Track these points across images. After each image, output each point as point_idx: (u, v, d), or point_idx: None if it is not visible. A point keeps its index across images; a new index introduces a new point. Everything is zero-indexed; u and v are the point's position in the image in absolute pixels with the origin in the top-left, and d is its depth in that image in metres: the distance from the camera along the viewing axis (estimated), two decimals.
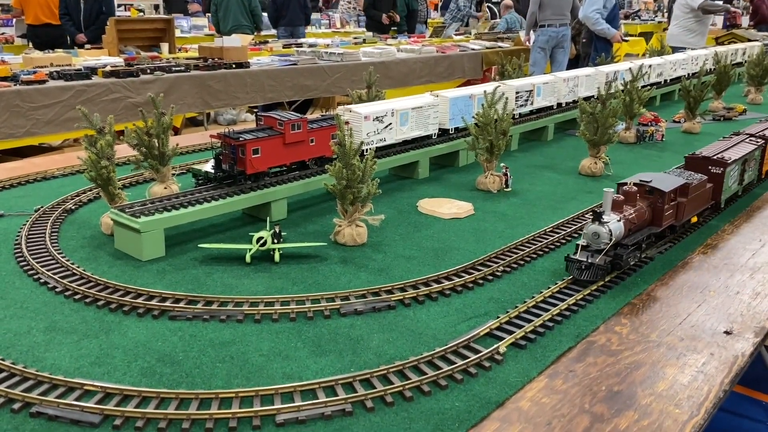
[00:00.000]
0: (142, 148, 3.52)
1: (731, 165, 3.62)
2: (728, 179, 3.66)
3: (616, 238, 2.81)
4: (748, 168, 3.95)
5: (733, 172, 3.70)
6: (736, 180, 3.81)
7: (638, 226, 3.00)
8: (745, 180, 3.99)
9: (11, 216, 3.52)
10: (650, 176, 3.16)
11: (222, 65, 8.33)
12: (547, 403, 2.11)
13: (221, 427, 1.92)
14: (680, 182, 3.22)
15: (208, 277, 2.90)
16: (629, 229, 2.91)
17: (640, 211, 3.01)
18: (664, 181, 3.16)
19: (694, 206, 3.38)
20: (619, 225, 2.83)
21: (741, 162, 3.79)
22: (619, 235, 2.83)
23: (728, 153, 3.73)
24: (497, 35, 12.90)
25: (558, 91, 5.70)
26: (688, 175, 3.39)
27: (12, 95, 6.55)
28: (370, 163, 3.19)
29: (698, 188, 3.37)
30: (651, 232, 3.08)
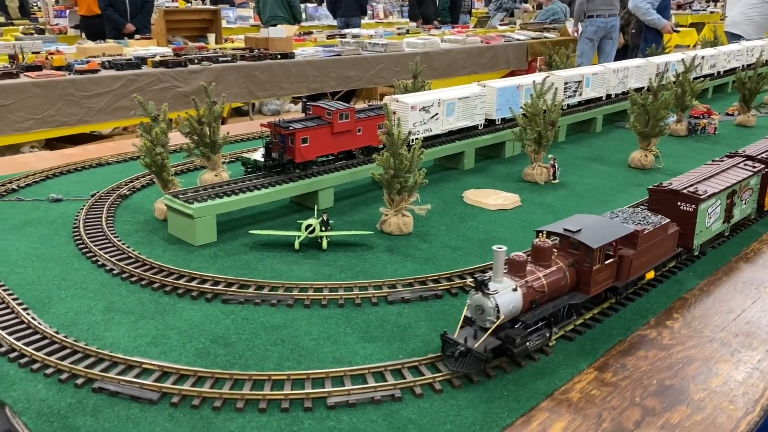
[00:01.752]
0: (194, 136, 3.59)
1: (708, 200, 2.85)
2: (703, 219, 2.88)
3: (507, 315, 2.13)
4: (739, 201, 3.17)
5: (713, 208, 2.94)
6: (719, 218, 3.03)
7: (551, 295, 2.28)
8: (736, 216, 3.19)
9: (69, 200, 3.64)
10: (580, 223, 2.40)
11: (267, 56, 8.42)
12: (597, 395, 2.10)
13: (274, 408, 1.96)
14: (621, 232, 2.44)
15: (259, 262, 2.96)
16: (533, 300, 2.20)
17: (554, 274, 2.28)
18: (597, 230, 2.39)
19: (649, 259, 2.62)
20: (515, 296, 2.14)
21: (726, 194, 3.01)
22: (514, 310, 2.15)
23: (707, 183, 2.98)
24: (543, 25, 12.70)
25: (607, 82, 5.59)
26: (641, 218, 2.66)
27: (66, 84, 6.75)
28: (418, 153, 3.20)
29: (654, 236, 2.60)
30: (574, 301, 2.33)
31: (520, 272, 2.22)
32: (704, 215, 2.90)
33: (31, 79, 6.54)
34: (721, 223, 3.10)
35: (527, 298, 2.19)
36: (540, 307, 2.25)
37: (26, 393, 2.00)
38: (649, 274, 2.67)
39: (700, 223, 2.89)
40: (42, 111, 6.59)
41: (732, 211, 3.15)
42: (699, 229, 2.90)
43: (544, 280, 2.25)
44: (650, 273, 2.68)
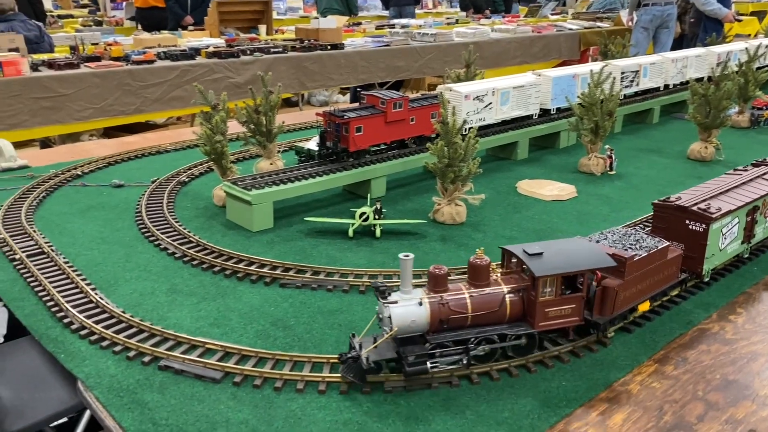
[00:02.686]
0: (251, 125, 3.66)
1: (721, 219, 2.48)
2: (716, 240, 2.51)
3: (403, 329, 1.96)
4: (762, 218, 2.79)
5: (729, 228, 2.56)
6: (736, 238, 2.65)
7: (478, 319, 2.04)
8: (758, 235, 2.80)
9: (130, 186, 3.76)
10: (554, 247, 2.11)
11: (318, 46, 8.48)
12: (658, 387, 2.07)
13: (333, 390, 2.00)
14: (594, 263, 2.08)
15: (314, 248, 3.00)
16: (444, 319, 2.00)
17: (486, 297, 2.04)
18: (562, 256, 2.06)
19: (642, 290, 2.28)
20: (417, 311, 1.96)
21: (746, 211, 2.64)
22: (414, 325, 1.97)
23: (723, 199, 2.60)
24: (596, 14, 12.44)
25: (666, 72, 5.45)
26: (633, 241, 2.31)
27: (124, 74, 6.95)
28: (472, 142, 3.18)
29: (648, 262, 2.24)
30: (509, 332, 2.05)
31: (439, 287, 2.03)
32: (717, 236, 2.51)
33: (91, 69, 6.76)
34: (739, 244, 2.69)
35: (435, 315, 1.99)
36: (459, 329, 2.03)
37: (97, 368, 2.09)
38: (642, 306, 2.32)
39: (712, 245, 2.50)
40: (101, 100, 6.80)
41: (753, 230, 2.75)
42: (710, 252, 2.51)
43: (467, 301, 2.02)
44: (644, 305, 2.33)
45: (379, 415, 1.90)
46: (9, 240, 2.95)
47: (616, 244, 2.30)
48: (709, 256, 2.53)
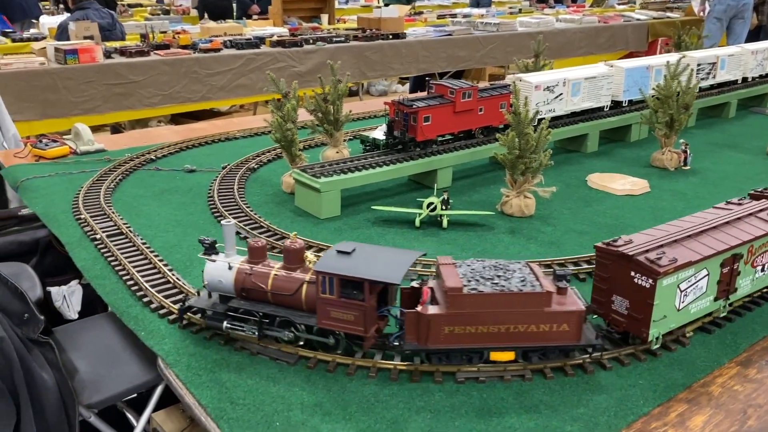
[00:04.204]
0: (319, 113, 3.69)
1: (677, 272, 2.00)
2: (671, 298, 2.03)
3: (211, 285, 2.12)
4: (748, 268, 2.25)
5: (692, 282, 2.08)
6: (706, 293, 2.15)
7: (277, 299, 2.07)
8: (743, 288, 2.28)
9: (202, 171, 3.85)
10: (376, 252, 2.05)
11: (379, 36, 8.49)
12: (740, 390, 1.99)
13: (404, 378, 2.00)
14: (383, 273, 1.90)
15: (381, 237, 3.01)
16: (244, 288, 2.09)
17: (286, 280, 2.06)
18: (365, 260, 1.97)
19: (489, 334, 1.94)
20: (226, 274, 2.09)
21: (722, 260, 2.14)
22: (220, 285, 2.11)
23: (689, 244, 2.11)
24: (666, 4, 12.03)
25: (744, 65, 5.22)
26: (496, 274, 1.99)
27: (191, 62, 7.12)
28: (545, 133, 3.13)
29: (497, 303, 1.90)
30: (293, 318, 2.04)
31: (255, 258, 2.12)
32: (671, 293, 2.04)
33: (160, 57, 6.95)
34: (710, 301, 2.19)
35: (239, 283, 2.08)
36: (261, 303, 2.09)
37: (176, 347, 2.15)
38: (498, 355, 1.98)
39: (664, 304, 2.03)
40: (169, 87, 7.00)
41: (733, 283, 2.23)
42: (660, 313, 2.03)
43: (269, 278, 2.06)
44: (504, 354, 1.98)
45: (452, 406, 1.89)
46: (90, 220, 3.07)
47: (473, 273, 2.00)
48: (659, 319, 2.03)
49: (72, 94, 6.37)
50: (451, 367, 2.03)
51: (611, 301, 2.11)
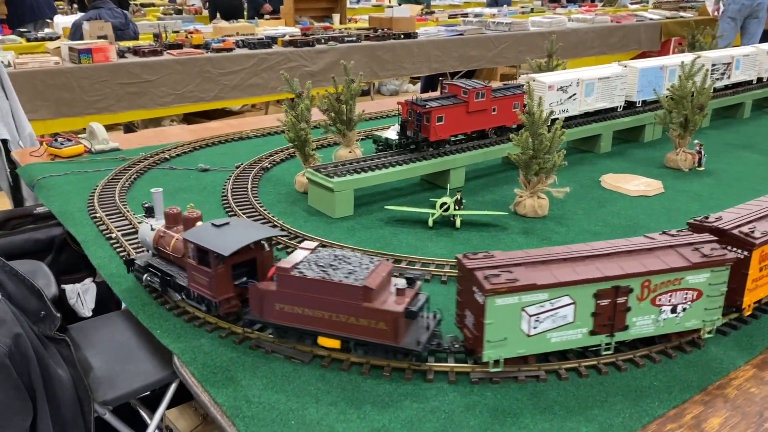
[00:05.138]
0: (332, 113, 3.70)
1: (516, 294, 1.88)
2: (512, 320, 1.91)
3: (141, 243, 2.43)
4: (647, 306, 2.04)
5: (547, 309, 1.93)
6: (574, 324, 1.98)
7: (177, 261, 2.30)
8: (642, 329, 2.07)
9: (216, 171, 3.87)
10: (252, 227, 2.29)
11: (391, 35, 8.49)
12: (757, 393, 1.98)
13: (418, 378, 2.01)
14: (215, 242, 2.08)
15: (394, 237, 3.02)
16: (158, 247, 2.35)
17: (180, 243, 2.26)
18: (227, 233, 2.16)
19: (319, 319, 2.00)
20: (149, 234, 2.35)
21: (594, 291, 1.95)
22: (145, 244, 2.38)
23: (552, 268, 1.96)
24: (679, 4, 11.95)
25: (759, 65, 5.19)
26: (336, 263, 2.03)
27: (204, 62, 7.15)
28: (559, 134, 3.12)
29: (321, 290, 1.95)
30: (178, 280, 2.27)
31: (170, 224, 2.35)
32: (510, 315, 1.90)
33: (173, 56, 6.99)
34: (584, 334, 2.00)
35: (155, 243, 2.38)
36: (166, 261, 2.37)
37: (191, 346, 2.17)
38: (325, 341, 2.02)
39: (501, 325, 1.90)
40: (182, 87, 7.04)
41: (621, 319, 2.01)
42: (498, 334, 1.90)
43: (172, 242, 2.30)
44: (330, 341, 2.01)
45: (466, 406, 1.89)
46: (105, 219, 3.09)
47: (317, 258, 2.06)
48: (496, 340, 1.91)
49: (86, 93, 6.42)
50: (465, 367, 2.03)
51: (464, 315, 2.05)
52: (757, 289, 2.27)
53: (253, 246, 2.19)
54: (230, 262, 2.13)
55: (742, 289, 2.21)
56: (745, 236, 2.17)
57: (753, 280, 2.22)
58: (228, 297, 2.19)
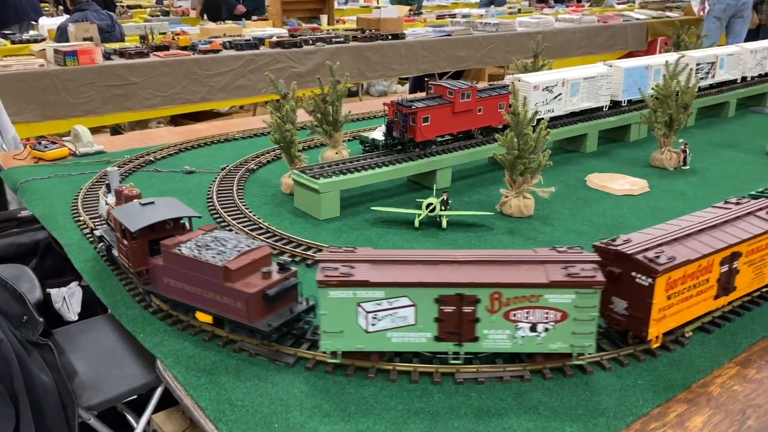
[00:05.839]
0: (318, 114, 3.69)
1: (351, 288, 1.90)
2: (348, 314, 1.92)
3: (102, 217, 2.76)
4: (485, 317, 1.92)
5: (384, 307, 1.91)
6: (417, 326, 1.94)
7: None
8: (493, 343, 1.97)
9: (201, 173, 3.85)
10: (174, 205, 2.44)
11: (378, 36, 8.49)
12: (740, 391, 1.99)
13: (403, 379, 2.00)
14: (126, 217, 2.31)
15: (380, 238, 3.01)
16: (107, 222, 2.62)
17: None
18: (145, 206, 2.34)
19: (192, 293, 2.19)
20: (104, 209, 2.66)
21: (434, 296, 1.90)
22: (101, 216, 2.73)
23: (393, 269, 1.94)
24: (665, 4, 12.03)
25: (744, 64, 5.22)
26: (219, 245, 2.16)
27: (191, 63, 7.12)
28: (544, 134, 3.12)
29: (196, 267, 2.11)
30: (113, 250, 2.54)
31: (120, 200, 2.54)
32: (348, 309, 1.91)
33: (160, 58, 6.95)
34: (429, 339, 1.96)
35: (107, 216, 2.60)
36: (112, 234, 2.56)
37: (175, 349, 2.15)
38: (203, 317, 2.16)
39: (338, 318, 1.92)
40: (169, 89, 7.00)
41: (467, 329, 1.94)
42: (334, 326, 1.93)
43: (110, 211, 2.54)
44: (205, 316, 2.16)
45: (451, 407, 1.89)
46: (89, 222, 3.06)
47: (204, 240, 2.18)
48: (333, 331, 1.94)
49: (72, 95, 6.37)
50: (449, 368, 2.03)
51: None
52: (667, 319, 2.07)
53: (171, 224, 2.36)
54: (146, 237, 2.31)
55: (647, 319, 2.00)
56: (648, 262, 1.96)
57: (660, 309, 2.02)
58: (144, 269, 2.35)
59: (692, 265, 2.06)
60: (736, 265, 2.22)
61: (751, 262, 2.29)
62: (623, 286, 2.06)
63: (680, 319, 2.14)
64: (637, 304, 2.03)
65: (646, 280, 1.99)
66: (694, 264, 2.07)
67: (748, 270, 2.29)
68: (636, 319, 2.05)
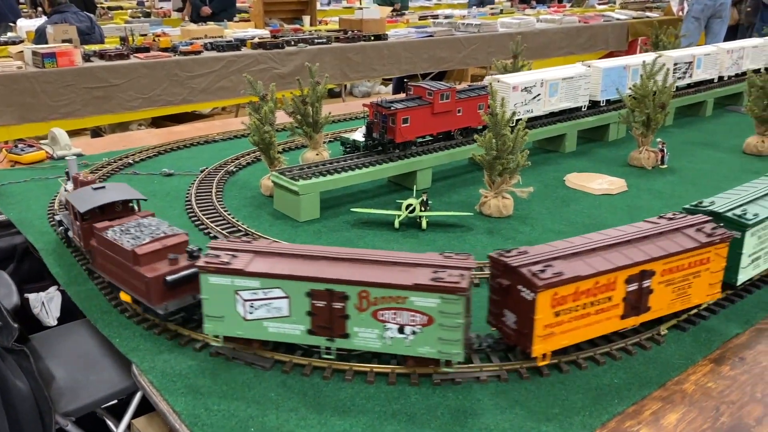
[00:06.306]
0: (298, 115, 3.68)
1: (228, 275, 1.97)
2: (226, 300, 2.00)
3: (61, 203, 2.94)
4: (354, 315, 1.93)
5: (260, 296, 1.98)
6: (291, 318, 1.99)
7: None
8: (348, 336, 1.97)
9: (180, 175, 3.83)
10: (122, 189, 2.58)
11: (361, 37, 8.48)
12: (713, 387, 2.01)
13: (381, 381, 2.00)
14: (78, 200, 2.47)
15: (360, 239, 3.01)
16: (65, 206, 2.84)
17: None
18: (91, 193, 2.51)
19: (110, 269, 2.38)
20: (63, 194, 2.87)
21: (306, 290, 1.93)
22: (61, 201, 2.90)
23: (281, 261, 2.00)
24: (645, 4, 12.13)
25: (720, 64, 5.28)
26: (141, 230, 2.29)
27: (172, 65, 7.06)
28: (521, 134, 3.14)
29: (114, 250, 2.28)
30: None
31: (76, 186, 2.70)
32: (226, 295, 1.98)
33: (140, 60, 6.89)
34: (303, 332, 2.00)
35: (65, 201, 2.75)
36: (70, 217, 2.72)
37: (151, 354, 2.14)
38: (125, 296, 2.32)
39: (218, 303, 2.00)
40: (149, 90, 6.94)
41: (338, 324, 1.96)
42: (216, 310, 2.02)
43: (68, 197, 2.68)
44: (126, 296, 2.30)
45: (428, 408, 1.89)
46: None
47: (133, 225, 2.34)
48: (213, 315, 2.02)
49: (51, 98, 6.29)
50: (427, 369, 2.03)
51: None
52: (556, 337, 1.98)
53: (120, 207, 2.52)
54: (96, 218, 2.45)
55: (531, 335, 1.94)
56: (531, 275, 1.89)
57: (546, 326, 1.94)
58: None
59: (586, 281, 1.96)
60: (649, 285, 2.10)
61: (670, 282, 2.15)
62: (512, 299, 1.99)
63: (575, 338, 2.04)
64: (522, 318, 1.97)
65: (530, 294, 1.91)
66: (588, 281, 1.96)
67: (666, 290, 2.15)
68: (522, 334, 1.98)
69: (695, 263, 2.18)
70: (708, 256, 2.19)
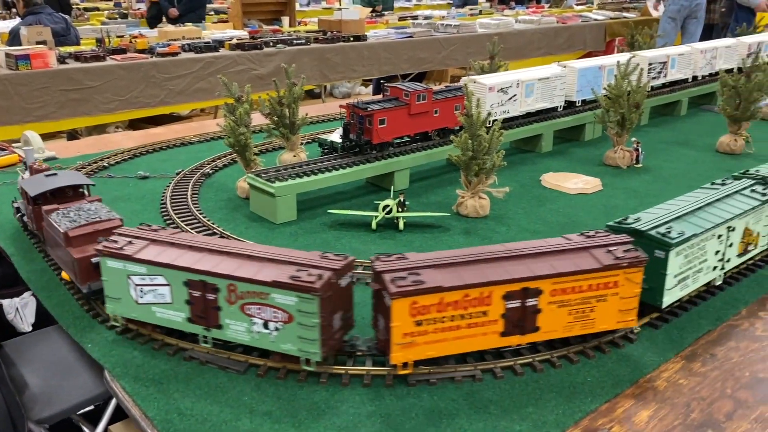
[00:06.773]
0: (274, 117, 3.66)
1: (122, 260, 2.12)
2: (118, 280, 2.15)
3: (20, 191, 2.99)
4: (225, 306, 2.00)
5: (144, 281, 2.12)
6: (168, 304, 2.09)
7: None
8: (221, 327, 2.04)
9: (156, 178, 3.80)
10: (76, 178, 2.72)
11: (340, 38, 8.47)
12: (685, 384, 2.04)
13: (355, 383, 2.00)
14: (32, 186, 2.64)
15: (337, 241, 3.01)
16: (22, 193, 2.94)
17: None
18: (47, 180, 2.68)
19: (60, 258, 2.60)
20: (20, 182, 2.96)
21: (179, 278, 2.04)
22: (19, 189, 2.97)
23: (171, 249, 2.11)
24: (622, 5, 12.25)
25: (694, 63, 5.35)
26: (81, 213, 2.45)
27: (149, 66, 7.01)
28: (497, 135, 3.15)
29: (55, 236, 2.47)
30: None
31: (31, 173, 2.84)
32: (120, 277, 2.12)
33: (117, 61, 6.83)
34: (183, 319, 2.10)
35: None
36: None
37: (123, 359, 2.11)
38: (66, 276, 2.49)
39: (115, 284, 2.14)
40: (126, 92, 6.89)
41: (215, 316, 2.03)
42: (112, 291, 2.17)
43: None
44: (66, 276, 2.49)
45: (402, 409, 1.89)
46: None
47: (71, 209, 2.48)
48: (113, 296, 2.17)
49: (25, 100, 6.22)
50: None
51: None
52: (419, 347, 1.93)
53: (72, 193, 2.65)
54: (47, 203, 2.57)
55: (388, 342, 1.92)
56: (389, 282, 1.89)
57: (406, 335, 1.91)
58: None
59: (452, 293, 1.90)
60: (535, 303, 2.00)
61: (564, 303, 2.03)
62: (381, 305, 1.97)
63: (444, 350, 1.97)
64: (385, 325, 1.95)
65: (389, 300, 1.89)
66: (455, 292, 1.90)
67: (559, 311, 2.04)
68: (386, 340, 1.95)
69: (598, 286, 2.04)
70: (615, 280, 2.04)
